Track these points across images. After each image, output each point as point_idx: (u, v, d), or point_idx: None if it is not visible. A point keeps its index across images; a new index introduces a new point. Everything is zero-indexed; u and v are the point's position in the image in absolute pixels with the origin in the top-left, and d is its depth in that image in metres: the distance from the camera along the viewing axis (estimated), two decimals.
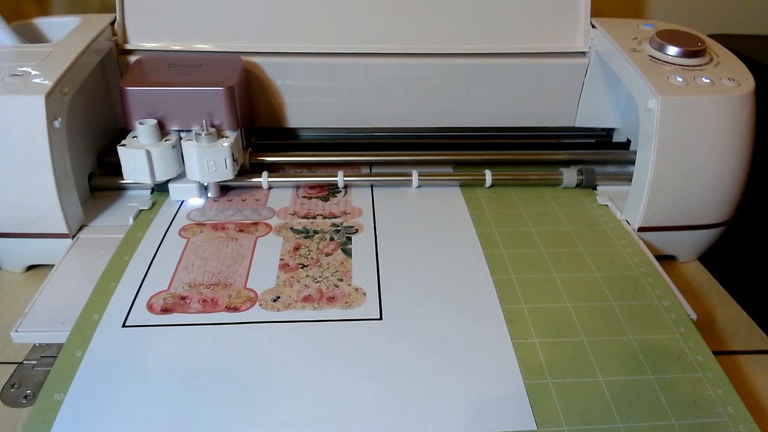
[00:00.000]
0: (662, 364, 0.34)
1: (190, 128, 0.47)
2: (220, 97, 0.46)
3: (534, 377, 0.33)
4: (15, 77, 0.43)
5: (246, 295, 0.38)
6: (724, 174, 0.45)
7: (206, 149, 0.45)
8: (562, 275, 0.41)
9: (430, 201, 0.50)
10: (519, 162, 0.55)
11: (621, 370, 0.34)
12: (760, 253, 0.58)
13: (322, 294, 0.39)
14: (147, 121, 0.46)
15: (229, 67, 0.50)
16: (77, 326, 0.35)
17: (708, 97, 0.44)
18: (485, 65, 0.54)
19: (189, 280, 0.40)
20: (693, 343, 0.36)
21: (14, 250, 0.45)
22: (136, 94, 0.46)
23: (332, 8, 0.53)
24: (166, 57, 0.51)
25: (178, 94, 0.46)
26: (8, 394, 0.35)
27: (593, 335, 0.36)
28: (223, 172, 0.47)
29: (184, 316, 0.37)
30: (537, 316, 0.37)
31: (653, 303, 0.39)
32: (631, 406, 0.32)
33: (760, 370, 0.37)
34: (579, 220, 0.48)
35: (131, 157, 0.45)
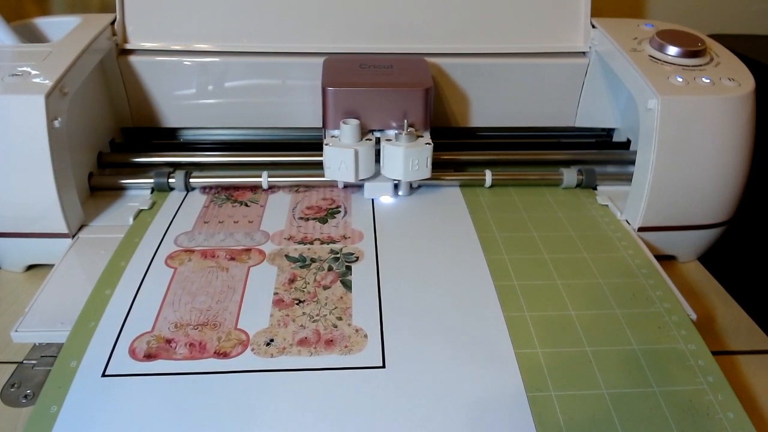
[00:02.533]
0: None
1: (383, 128, 0.48)
2: (419, 98, 0.47)
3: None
4: (15, 77, 0.42)
5: (237, 337, 0.35)
6: (724, 174, 0.45)
7: (411, 149, 0.46)
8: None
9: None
10: (519, 162, 0.55)
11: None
12: (760, 253, 0.58)
13: (319, 336, 0.35)
14: (350, 121, 0.46)
15: (420, 68, 0.51)
16: (53, 376, 0.32)
17: (708, 97, 0.44)
18: (485, 65, 0.54)
19: (175, 319, 0.36)
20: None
21: (14, 250, 0.45)
22: (338, 94, 0.47)
23: (332, 8, 0.53)
24: (356, 57, 0.52)
25: (379, 95, 0.47)
26: (8, 393, 0.35)
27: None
28: (423, 171, 0.47)
29: (169, 363, 0.33)
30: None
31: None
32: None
33: (760, 371, 0.37)
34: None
35: (338, 156, 0.46)
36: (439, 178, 0.52)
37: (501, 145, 0.57)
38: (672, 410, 0.31)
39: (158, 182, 0.50)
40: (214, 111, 0.55)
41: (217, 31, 0.53)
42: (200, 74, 0.53)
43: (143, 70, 0.53)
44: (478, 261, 0.42)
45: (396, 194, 0.50)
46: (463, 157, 0.55)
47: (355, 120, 0.47)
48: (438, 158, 0.54)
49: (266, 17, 0.53)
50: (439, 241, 0.44)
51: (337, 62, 0.51)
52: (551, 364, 0.34)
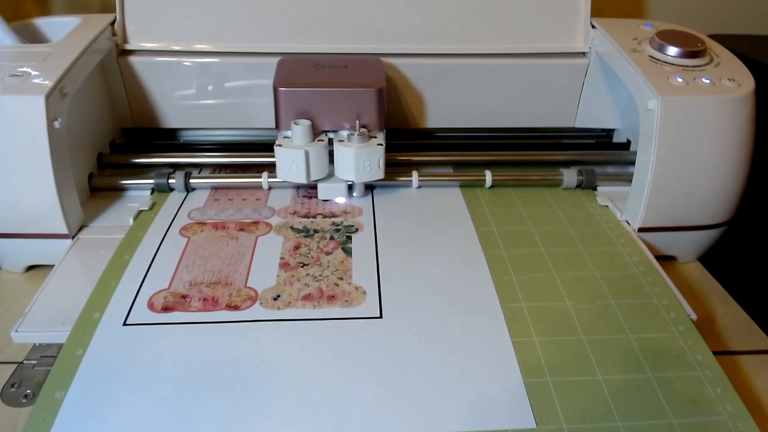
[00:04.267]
0: (661, 362, 0.34)
1: (337, 129, 0.48)
2: (371, 98, 0.47)
3: (533, 376, 0.33)
4: (15, 77, 0.43)
5: (246, 293, 0.39)
6: (724, 174, 0.45)
7: (362, 149, 0.46)
8: (563, 275, 0.41)
9: (430, 202, 0.50)
10: (519, 162, 0.55)
11: (620, 368, 0.34)
12: (760, 253, 0.58)
13: (322, 292, 0.39)
14: (302, 122, 0.46)
15: (374, 69, 0.50)
16: (78, 325, 0.35)
17: (708, 98, 0.44)
18: (485, 65, 0.54)
19: (190, 278, 0.40)
20: (692, 341, 0.36)
21: (14, 250, 0.45)
22: (290, 95, 0.47)
23: (332, 9, 0.53)
24: (310, 58, 0.52)
25: (331, 95, 0.47)
26: (8, 393, 0.35)
27: (593, 334, 0.36)
28: (375, 172, 0.47)
29: (185, 314, 0.37)
30: (537, 315, 0.38)
31: (652, 302, 0.39)
32: (630, 405, 0.32)
33: (760, 370, 0.37)
34: (579, 221, 0.48)
35: (289, 157, 0.46)
36: (439, 178, 0.52)
37: (501, 145, 0.57)
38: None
39: (158, 183, 0.50)
40: (214, 111, 0.55)
41: (217, 31, 0.53)
42: (200, 74, 0.53)
43: (143, 71, 0.53)
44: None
45: (351, 195, 0.50)
46: (463, 157, 0.55)
47: (306, 121, 0.46)
48: (439, 158, 0.55)
49: (266, 18, 0.53)
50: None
51: (291, 62, 0.51)
52: (534, 317, 0.37)
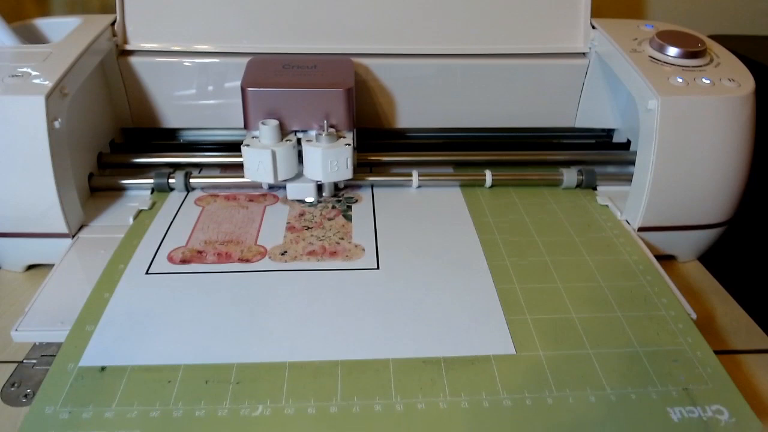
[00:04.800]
0: (630, 304, 0.39)
1: (306, 128, 0.48)
2: (340, 98, 0.47)
3: (514, 314, 0.37)
4: (15, 78, 0.43)
5: (257, 249, 0.43)
6: (724, 174, 0.45)
7: (329, 149, 0.46)
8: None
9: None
10: (519, 162, 0.55)
11: (591, 309, 0.38)
12: (760, 253, 0.58)
13: (324, 249, 0.43)
14: (269, 122, 0.46)
15: (344, 68, 0.50)
16: (104, 274, 0.40)
17: (708, 98, 0.44)
18: (485, 65, 0.54)
19: (205, 238, 0.44)
20: (658, 288, 0.40)
21: (14, 249, 0.45)
22: (258, 95, 0.47)
23: (332, 9, 0.53)
24: (279, 58, 0.52)
25: (299, 95, 0.47)
26: (8, 393, 0.35)
27: (569, 282, 0.41)
28: (343, 172, 0.47)
29: (201, 266, 0.41)
30: (520, 268, 0.42)
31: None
32: (600, 337, 0.36)
33: (760, 370, 0.37)
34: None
35: (256, 157, 0.46)
36: (439, 178, 0.52)
37: (501, 145, 0.57)
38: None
39: (158, 183, 0.50)
40: (214, 111, 0.55)
41: (217, 31, 0.53)
42: (200, 75, 0.53)
43: (143, 71, 0.53)
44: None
45: (320, 196, 0.50)
46: (463, 157, 0.55)
47: (273, 121, 0.46)
48: (439, 158, 0.55)
49: (266, 18, 0.53)
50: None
51: (260, 63, 0.51)
52: (517, 269, 0.42)
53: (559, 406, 0.31)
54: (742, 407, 0.32)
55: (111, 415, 0.30)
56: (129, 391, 0.32)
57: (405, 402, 0.31)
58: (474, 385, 0.32)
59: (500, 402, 0.31)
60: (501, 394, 0.32)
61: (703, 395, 0.32)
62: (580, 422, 0.31)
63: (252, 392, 0.32)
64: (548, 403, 0.31)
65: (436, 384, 0.32)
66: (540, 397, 0.32)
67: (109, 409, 0.31)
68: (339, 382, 0.32)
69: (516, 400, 0.31)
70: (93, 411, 0.30)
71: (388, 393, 0.32)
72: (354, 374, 0.33)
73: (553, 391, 0.32)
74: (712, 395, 0.32)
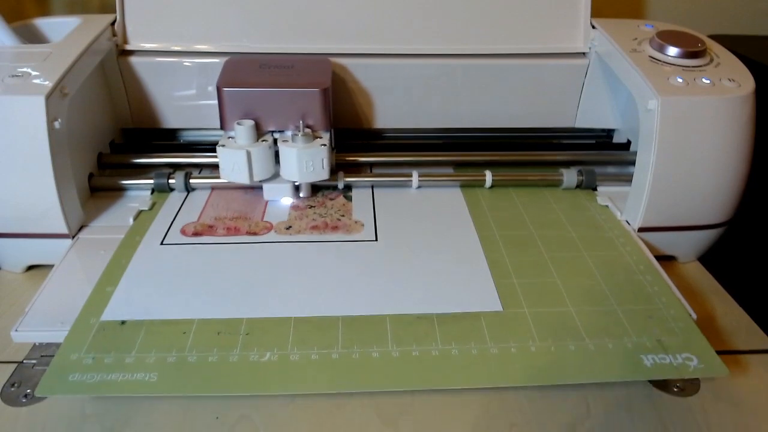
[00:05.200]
0: (610, 270, 0.42)
1: (283, 129, 0.48)
2: (316, 98, 0.47)
3: (502, 278, 0.41)
4: (15, 78, 0.43)
5: (263, 225, 0.46)
6: (724, 174, 0.45)
7: (305, 150, 0.46)
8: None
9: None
10: (519, 163, 0.55)
11: (575, 275, 0.41)
12: (760, 253, 0.58)
13: (327, 224, 0.46)
14: (245, 122, 0.46)
15: (321, 69, 0.50)
16: (122, 245, 0.43)
17: (708, 98, 0.44)
18: (485, 65, 0.54)
19: (215, 215, 0.47)
20: (636, 257, 0.43)
21: (14, 250, 0.45)
22: (233, 95, 0.47)
23: (331, 9, 0.53)
24: (256, 58, 0.51)
25: (274, 95, 0.47)
26: (8, 393, 0.35)
27: (553, 252, 0.44)
28: (319, 172, 0.47)
29: (212, 238, 0.45)
30: (508, 240, 0.45)
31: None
32: (581, 298, 0.39)
33: (761, 370, 0.37)
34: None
35: (231, 157, 0.46)
36: (439, 178, 0.52)
37: (501, 145, 0.57)
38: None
39: (158, 183, 0.50)
40: (214, 112, 0.55)
41: (217, 31, 0.53)
42: (200, 75, 0.53)
43: (143, 71, 0.53)
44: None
45: (297, 196, 0.50)
46: (463, 157, 0.55)
47: (249, 121, 0.46)
48: (439, 158, 0.55)
49: (266, 18, 0.53)
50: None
51: (237, 62, 0.51)
52: (506, 241, 0.45)
53: (542, 353, 0.35)
54: (710, 356, 0.35)
55: (131, 360, 0.34)
56: (147, 341, 0.35)
57: (400, 350, 0.35)
58: (464, 336, 0.36)
59: (487, 350, 0.35)
60: (488, 344, 0.35)
61: (674, 345, 0.36)
62: (560, 366, 0.34)
63: (260, 342, 0.35)
64: (531, 351, 0.35)
65: (429, 335, 0.36)
66: (524, 346, 0.35)
67: (129, 356, 0.34)
68: (340, 333, 0.36)
69: (502, 349, 0.35)
70: (114, 357, 0.34)
71: (384, 342, 0.35)
72: (354, 327, 0.36)
73: (536, 341, 0.36)
74: (683, 346, 0.36)
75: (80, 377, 0.33)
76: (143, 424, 0.33)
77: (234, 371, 0.33)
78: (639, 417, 0.33)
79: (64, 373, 0.33)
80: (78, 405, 0.34)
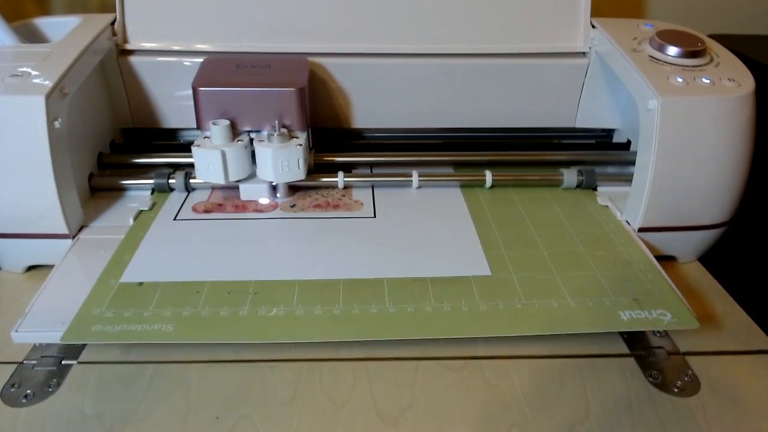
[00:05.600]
0: (594, 241, 0.45)
1: (259, 129, 0.48)
2: (291, 98, 0.47)
3: (491, 249, 0.44)
4: (15, 77, 0.43)
5: (270, 204, 0.49)
6: (724, 174, 0.45)
7: (280, 150, 0.46)
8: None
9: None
10: (519, 163, 0.55)
11: (559, 245, 0.45)
12: (760, 253, 0.58)
13: (329, 203, 0.49)
14: (220, 122, 0.46)
15: (298, 68, 0.50)
16: (138, 221, 0.47)
17: (708, 98, 0.44)
18: (485, 65, 0.54)
19: (224, 195, 0.50)
20: (622, 239, 0.46)
21: (14, 250, 0.45)
22: (209, 95, 0.46)
23: (331, 9, 0.53)
24: (234, 58, 0.51)
25: (250, 95, 0.47)
26: (8, 393, 0.35)
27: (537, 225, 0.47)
28: (295, 173, 0.47)
29: (222, 214, 0.48)
30: (500, 219, 0.48)
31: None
32: (565, 264, 0.42)
33: (761, 370, 0.37)
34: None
35: (206, 157, 0.46)
36: (439, 178, 0.52)
37: (501, 145, 0.57)
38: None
39: (158, 183, 0.50)
40: None
41: (217, 31, 0.53)
42: None
43: (143, 71, 0.53)
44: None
45: (274, 196, 0.50)
46: (463, 157, 0.55)
47: (224, 121, 0.46)
48: (439, 158, 0.55)
49: (265, 18, 0.53)
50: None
51: (214, 62, 0.51)
52: (497, 220, 0.48)
53: (527, 310, 0.38)
54: (683, 312, 0.38)
55: (149, 314, 0.37)
56: (163, 298, 0.39)
57: (396, 306, 0.38)
58: (455, 295, 0.39)
59: (477, 307, 0.38)
60: (478, 302, 0.39)
61: (650, 303, 0.39)
62: (543, 320, 0.38)
63: (267, 300, 0.39)
64: (517, 308, 0.38)
65: (423, 295, 0.39)
66: (510, 304, 0.39)
67: (147, 310, 0.37)
68: (341, 293, 0.39)
69: (490, 306, 0.39)
70: (133, 311, 0.37)
71: (382, 300, 0.39)
72: (354, 288, 0.40)
73: (522, 300, 0.39)
74: (658, 303, 0.39)
75: (102, 328, 0.36)
76: (143, 424, 0.33)
77: (244, 323, 0.37)
78: (639, 417, 0.33)
79: (87, 325, 0.36)
80: (78, 405, 0.34)
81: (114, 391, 0.35)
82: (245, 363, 0.37)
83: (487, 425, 0.33)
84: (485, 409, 0.34)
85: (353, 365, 0.37)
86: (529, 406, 0.34)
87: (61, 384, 0.35)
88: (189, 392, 0.35)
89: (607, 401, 0.34)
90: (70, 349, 0.38)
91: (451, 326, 0.37)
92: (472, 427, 0.33)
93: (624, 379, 0.36)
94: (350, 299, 0.39)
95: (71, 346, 0.38)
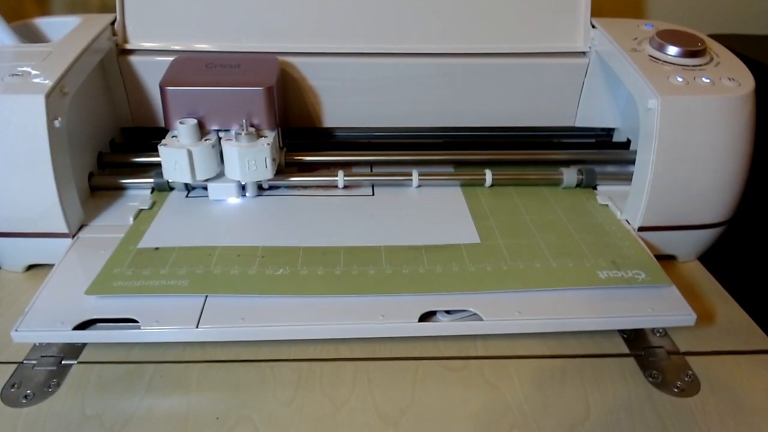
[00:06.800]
0: (583, 223, 0.47)
1: (228, 128, 0.48)
2: (259, 97, 0.47)
3: (480, 220, 0.48)
4: (15, 77, 0.42)
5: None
6: (724, 174, 0.45)
7: (247, 149, 0.46)
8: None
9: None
10: (519, 162, 0.55)
11: (542, 213, 0.49)
12: (760, 253, 0.58)
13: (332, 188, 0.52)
14: (187, 121, 0.46)
15: (267, 67, 0.50)
16: (155, 194, 0.50)
17: (708, 97, 0.44)
18: (485, 65, 0.54)
19: None
20: (612, 224, 0.48)
21: (14, 250, 0.45)
22: (177, 94, 0.46)
23: (331, 8, 0.53)
24: (204, 57, 0.51)
25: (218, 94, 0.46)
26: (8, 393, 0.35)
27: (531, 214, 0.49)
28: (263, 172, 0.47)
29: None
30: (491, 198, 0.51)
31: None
32: (548, 233, 0.46)
33: (760, 370, 0.37)
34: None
35: (172, 156, 0.46)
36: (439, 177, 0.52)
37: (501, 144, 0.57)
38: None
39: (158, 182, 0.50)
40: None
41: (216, 31, 0.53)
42: None
43: (143, 70, 0.53)
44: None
45: (243, 195, 0.50)
46: (463, 156, 0.55)
47: (191, 120, 0.46)
48: (439, 157, 0.55)
49: (265, 17, 0.53)
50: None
51: (183, 61, 0.51)
52: (488, 199, 0.51)
53: (512, 270, 0.42)
54: (656, 271, 0.42)
55: (165, 272, 0.41)
56: (178, 260, 0.42)
57: (393, 269, 0.42)
58: (447, 259, 0.43)
59: (466, 268, 0.42)
60: (467, 264, 0.42)
61: (626, 264, 0.42)
62: (527, 277, 0.41)
63: (274, 261, 0.42)
64: (503, 269, 0.42)
65: (417, 259, 0.43)
66: (497, 266, 0.42)
67: (163, 269, 0.41)
68: (342, 257, 0.43)
69: (478, 267, 0.42)
70: (151, 270, 0.41)
71: (380, 263, 0.42)
72: (353, 254, 0.43)
73: (508, 261, 0.43)
74: (634, 265, 0.42)
75: (122, 283, 0.39)
76: (143, 424, 0.33)
77: (253, 280, 0.40)
78: (639, 417, 0.33)
79: (109, 281, 0.40)
80: (78, 405, 0.34)
81: (114, 391, 0.35)
82: (245, 363, 0.37)
83: (487, 425, 0.33)
84: (485, 409, 0.34)
85: (353, 365, 0.37)
86: (529, 406, 0.34)
87: (61, 384, 0.35)
88: (189, 392, 0.35)
89: (607, 401, 0.34)
90: (70, 349, 0.38)
91: (443, 284, 0.40)
92: (472, 427, 0.33)
93: (624, 379, 0.36)
94: (350, 262, 0.42)
95: (71, 346, 0.38)
